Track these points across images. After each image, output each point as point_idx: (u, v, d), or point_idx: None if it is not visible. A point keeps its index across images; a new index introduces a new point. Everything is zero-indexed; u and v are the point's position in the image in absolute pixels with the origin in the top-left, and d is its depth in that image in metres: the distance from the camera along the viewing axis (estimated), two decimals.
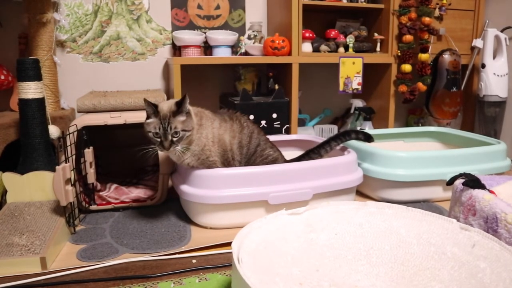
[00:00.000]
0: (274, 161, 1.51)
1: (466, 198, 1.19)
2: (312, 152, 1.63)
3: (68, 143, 1.45)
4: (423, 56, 2.38)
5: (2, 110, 1.99)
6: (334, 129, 2.47)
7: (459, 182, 1.26)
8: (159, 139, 1.27)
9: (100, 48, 2.31)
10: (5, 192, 1.47)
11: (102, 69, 2.33)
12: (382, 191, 1.66)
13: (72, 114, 1.99)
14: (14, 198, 1.45)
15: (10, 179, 1.46)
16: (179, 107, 1.28)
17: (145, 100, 1.27)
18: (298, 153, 1.90)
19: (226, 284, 1.05)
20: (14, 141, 1.69)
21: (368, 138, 1.68)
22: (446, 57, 2.40)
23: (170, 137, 1.26)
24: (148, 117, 1.30)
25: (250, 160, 1.49)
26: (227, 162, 1.45)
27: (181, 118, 1.28)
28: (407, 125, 2.84)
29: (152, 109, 1.27)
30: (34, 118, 1.55)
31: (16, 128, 1.69)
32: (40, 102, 1.57)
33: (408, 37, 2.34)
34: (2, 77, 1.92)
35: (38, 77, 1.57)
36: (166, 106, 1.29)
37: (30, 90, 1.54)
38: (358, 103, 2.51)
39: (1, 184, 1.48)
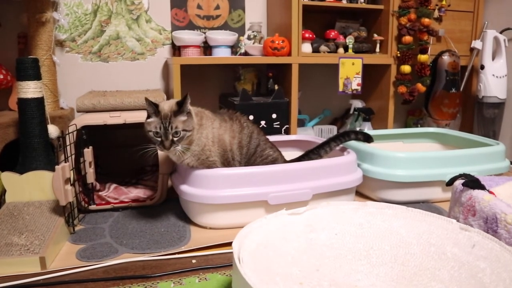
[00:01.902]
0: (274, 161, 1.51)
1: (466, 199, 1.19)
2: (312, 153, 1.63)
3: (68, 143, 1.45)
4: (423, 57, 2.38)
5: (1, 109, 1.98)
6: (333, 130, 2.47)
7: (458, 183, 1.27)
8: (159, 139, 1.27)
9: (99, 47, 2.30)
10: (4, 191, 1.47)
11: (102, 69, 2.32)
12: (381, 192, 1.66)
13: (71, 113, 1.99)
14: (13, 198, 1.45)
15: (9, 178, 1.46)
16: (180, 107, 1.27)
17: (146, 99, 1.27)
18: (297, 153, 1.90)
19: (226, 284, 1.05)
20: (13, 140, 1.69)
21: (368, 138, 1.69)
22: (445, 58, 2.40)
23: (170, 137, 1.26)
24: (148, 117, 1.29)
25: (250, 160, 1.49)
26: (227, 162, 1.44)
27: (182, 118, 1.28)
28: (406, 126, 2.84)
29: (153, 108, 1.27)
30: (33, 117, 1.54)
31: (15, 127, 1.69)
32: (40, 101, 1.57)
33: (408, 38, 2.34)
34: (1, 77, 1.92)
35: (37, 76, 1.56)
36: (167, 105, 1.29)
37: (30, 89, 1.53)
38: (357, 103, 2.51)
39: (0, 183, 1.48)
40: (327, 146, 1.64)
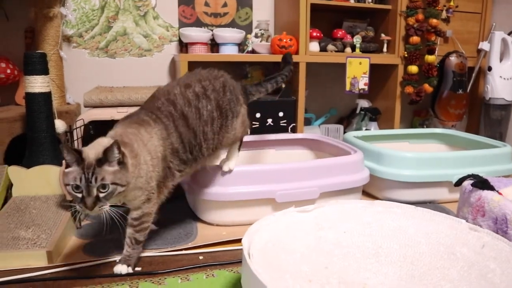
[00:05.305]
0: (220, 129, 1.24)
1: (475, 199, 1.19)
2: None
3: (75, 137, 1.45)
4: (430, 58, 2.37)
5: (7, 104, 1.98)
6: (340, 129, 2.47)
7: (467, 183, 1.26)
8: (80, 195, 0.94)
9: (106, 43, 2.30)
10: (10, 185, 1.47)
11: (108, 65, 2.32)
12: (388, 191, 1.66)
13: (78, 109, 1.98)
14: (20, 192, 1.45)
15: (15, 172, 1.46)
16: (106, 155, 0.95)
17: (64, 146, 0.96)
18: (304, 152, 1.90)
19: (234, 281, 1.05)
20: (19, 134, 1.69)
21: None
22: (453, 59, 2.40)
23: (95, 192, 0.94)
24: (67, 166, 0.97)
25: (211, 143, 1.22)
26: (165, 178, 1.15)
27: (110, 168, 0.96)
28: (412, 126, 2.83)
29: (74, 156, 0.95)
30: (40, 112, 1.54)
31: (22, 122, 1.69)
32: (47, 96, 1.57)
33: (415, 39, 2.33)
34: (8, 71, 1.92)
35: (45, 71, 1.57)
36: (93, 152, 0.97)
37: (37, 84, 1.54)
38: (364, 103, 2.51)
39: (7, 177, 1.47)
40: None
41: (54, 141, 1.57)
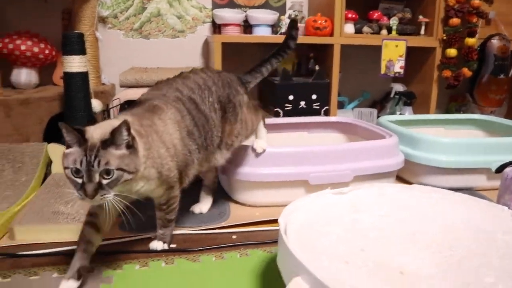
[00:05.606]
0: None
1: None
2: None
3: (112, 117, 1.47)
4: (470, 41, 2.29)
5: (45, 84, 2.03)
6: (374, 113, 2.43)
7: (509, 170, 1.22)
8: (80, 180, 0.84)
9: (140, 24, 2.32)
10: (50, 162, 1.51)
11: (143, 46, 2.34)
12: (423, 177, 1.62)
13: (113, 89, 2.01)
14: (59, 169, 1.49)
15: (55, 150, 1.50)
16: (113, 137, 0.85)
17: (63, 124, 0.84)
18: (337, 135, 1.88)
19: (268, 260, 1.05)
20: (58, 113, 1.73)
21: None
22: (495, 42, 2.31)
23: (97, 178, 0.83)
24: (68, 147, 0.86)
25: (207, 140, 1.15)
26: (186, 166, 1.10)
27: (118, 151, 0.85)
28: (448, 112, 2.75)
29: (75, 135, 0.84)
30: (78, 91, 1.58)
31: (60, 101, 1.73)
32: (84, 76, 1.60)
33: (455, 20, 2.25)
34: (47, 51, 1.95)
35: (82, 51, 1.60)
36: (98, 132, 0.86)
37: (75, 63, 1.57)
38: (398, 87, 2.45)
39: (46, 154, 1.52)
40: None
41: (91, 120, 1.60)
